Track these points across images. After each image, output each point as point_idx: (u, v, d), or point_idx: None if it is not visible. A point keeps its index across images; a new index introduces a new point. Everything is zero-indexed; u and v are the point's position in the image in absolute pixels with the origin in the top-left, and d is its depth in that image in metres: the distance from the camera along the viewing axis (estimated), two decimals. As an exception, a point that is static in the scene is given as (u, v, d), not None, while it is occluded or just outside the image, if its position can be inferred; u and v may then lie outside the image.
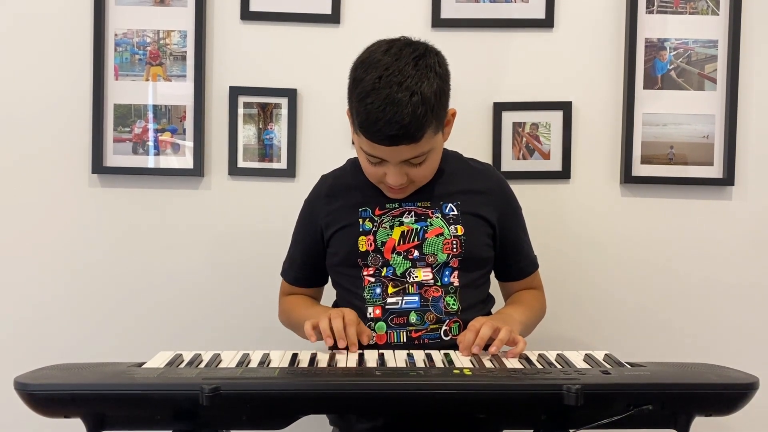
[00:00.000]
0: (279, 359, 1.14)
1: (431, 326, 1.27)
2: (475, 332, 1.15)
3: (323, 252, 1.39)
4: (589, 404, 0.91)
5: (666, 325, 1.76)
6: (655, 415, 0.95)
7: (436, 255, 1.30)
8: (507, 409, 0.99)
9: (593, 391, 0.92)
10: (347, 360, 1.14)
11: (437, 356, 1.15)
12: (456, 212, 1.32)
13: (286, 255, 1.47)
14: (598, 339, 1.74)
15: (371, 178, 1.30)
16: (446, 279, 1.30)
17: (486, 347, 1.15)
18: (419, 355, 1.15)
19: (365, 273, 1.31)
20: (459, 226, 1.31)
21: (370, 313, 1.29)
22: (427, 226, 1.31)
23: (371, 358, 1.15)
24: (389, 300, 1.29)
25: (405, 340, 1.27)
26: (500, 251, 1.38)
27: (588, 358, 1.13)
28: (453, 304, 1.29)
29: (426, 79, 1.19)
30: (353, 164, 1.39)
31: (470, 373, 1.00)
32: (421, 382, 0.97)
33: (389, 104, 1.15)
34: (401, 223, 1.31)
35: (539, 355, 1.16)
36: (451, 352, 1.17)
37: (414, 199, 1.32)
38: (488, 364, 1.10)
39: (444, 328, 1.28)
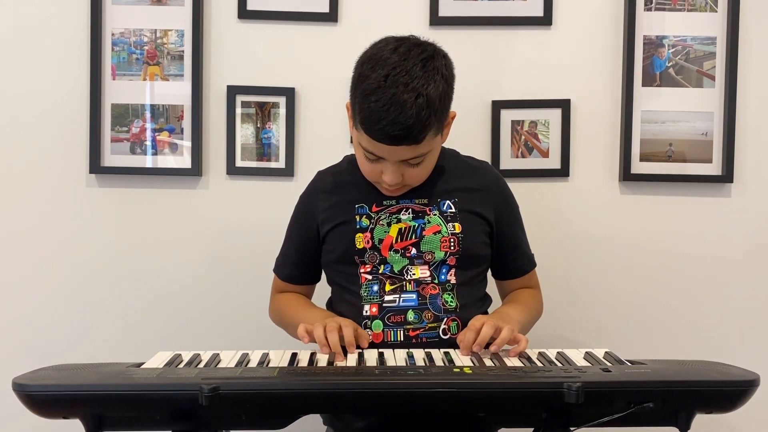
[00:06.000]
0: (278, 359, 1.13)
1: (429, 325, 1.26)
2: (475, 331, 1.15)
3: (318, 249, 1.38)
4: (589, 402, 0.91)
5: (666, 322, 1.76)
6: (655, 413, 0.95)
7: (434, 253, 1.29)
8: (507, 408, 0.98)
9: (594, 389, 0.92)
10: (347, 359, 1.14)
11: (437, 355, 1.15)
12: (454, 209, 1.32)
13: (279, 250, 1.46)
14: (598, 337, 1.74)
15: (367, 174, 1.29)
16: (443, 276, 1.29)
17: (486, 346, 1.15)
18: (419, 354, 1.14)
19: (362, 270, 1.30)
20: (456, 224, 1.30)
21: (366, 311, 1.28)
22: (424, 224, 1.30)
23: (371, 357, 1.14)
24: (386, 298, 1.28)
25: (402, 339, 1.26)
26: (498, 249, 1.38)
27: (588, 356, 1.13)
28: (451, 302, 1.28)
29: (432, 82, 1.18)
30: (350, 161, 1.38)
31: (470, 371, 1.00)
32: (421, 380, 0.96)
33: (394, 104, 1.15)
34: (399, 221, 1.31)
35: (539, 353, 1.15)
36: (451, 351, 1.17)
37: (412, 196, 1.32)
38: (488, 363, 1.10)
39: (442, 326, 1.27)
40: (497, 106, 1.73)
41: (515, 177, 1.70)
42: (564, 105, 1.74)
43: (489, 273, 1.42)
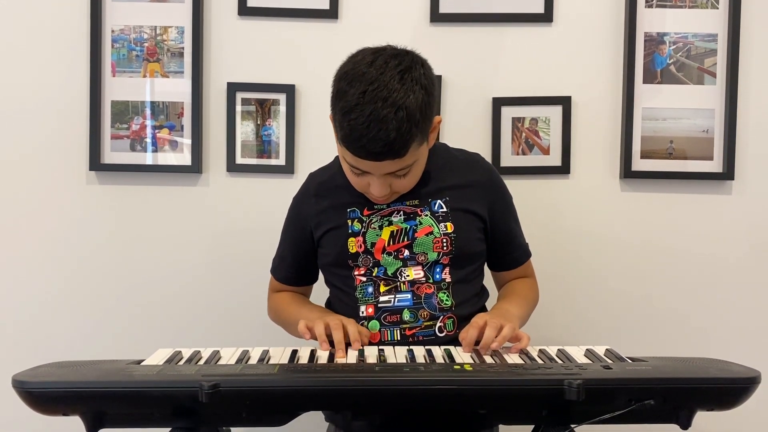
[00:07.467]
0: (278, 356, 1.13)
1: (425, 323, 1.26)
2: (477, 329, 1.15)
3: (313, 251, 1.38)
4: (590, 399, 0.91)
5: (666, 319, 1.76)
6: (656, 410, 0.95)
7: (427, 254, 1.28)
8: (508, 405, 0.98)
9: (594, 386, 0.92)
10: (347, 356, 1.14)
11: (437, 352, 1.15)
12: (445, 209, 1.30)
13: (275, 252, 1.46)
14: (598, 334, 1.74)
15: (355, 186, 1.29)
16: (438, 276, 1.29)
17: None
18: (419, 351, 1.14)
19: (356, 273, 1.30)
20: (449, 224, 1.29)
21: (362, 312, 1.28)
22: (416, 225, 1.29)
23: (371, 354, 1.14)
24: (382, 298, 1.28)
25: (399, 338, 1.26)
26: (492, 242, 1.37)
27: (589, 353, 1.13)
28: (446, 300, 1.28)
29: (411, 93, 1.16)
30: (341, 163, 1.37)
31: (471, 368, 1.00)
32: (421, 377, 0.97)
33: (374, 121, 1.13)
34: (390, 223, 1.30)
35: (540, 350, 1.15)
36: (452, 348, 1.17)
37: (402, 198, 1.31)
38: (489, 360, 1.10)
39: (438, 324, 1.27)
40: (498, 103, 1.73)
41: (516, 174, 1.70)
42: (565, 102, 1.73)
43: (485, 265, 1.41)
